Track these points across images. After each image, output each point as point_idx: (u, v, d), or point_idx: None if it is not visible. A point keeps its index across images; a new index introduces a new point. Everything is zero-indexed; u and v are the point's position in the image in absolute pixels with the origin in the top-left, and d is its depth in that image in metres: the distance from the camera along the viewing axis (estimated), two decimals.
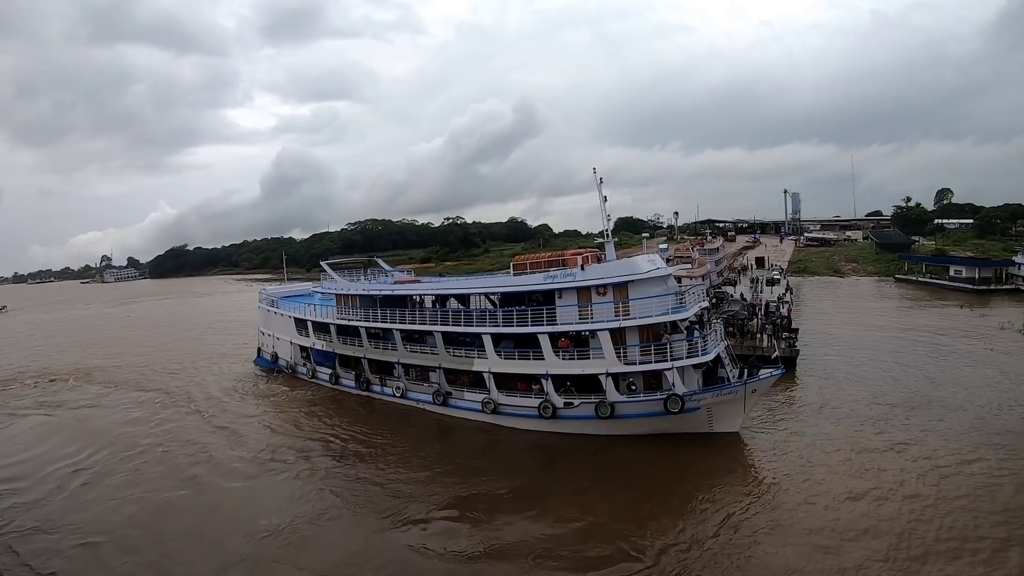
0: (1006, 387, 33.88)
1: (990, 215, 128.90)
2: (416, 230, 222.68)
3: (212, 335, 70.53)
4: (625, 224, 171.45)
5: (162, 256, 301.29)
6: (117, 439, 32.66)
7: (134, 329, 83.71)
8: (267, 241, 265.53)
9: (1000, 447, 25.51)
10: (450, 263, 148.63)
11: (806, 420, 30.28)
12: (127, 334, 78.03)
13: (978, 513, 20.35)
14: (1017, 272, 75.12)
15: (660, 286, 29.22)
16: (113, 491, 26.03)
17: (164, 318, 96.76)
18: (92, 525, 23.00)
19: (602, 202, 30.11)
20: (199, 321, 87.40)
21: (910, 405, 31.46)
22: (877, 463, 24.58)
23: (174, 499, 25.03)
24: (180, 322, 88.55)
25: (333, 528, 22.04)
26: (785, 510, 21.33)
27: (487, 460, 28.09)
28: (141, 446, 31.34)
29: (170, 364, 52.60)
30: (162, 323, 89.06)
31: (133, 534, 22.24)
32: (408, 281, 40.21)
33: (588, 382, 28.75)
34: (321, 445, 30.43)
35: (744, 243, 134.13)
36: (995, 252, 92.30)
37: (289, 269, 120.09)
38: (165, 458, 29.69)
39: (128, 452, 30.46)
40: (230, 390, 42.00)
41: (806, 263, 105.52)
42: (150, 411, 37.98)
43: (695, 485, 23.89)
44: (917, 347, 44.59)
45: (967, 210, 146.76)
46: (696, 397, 27.06)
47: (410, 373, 35.71)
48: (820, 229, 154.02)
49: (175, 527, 22.55)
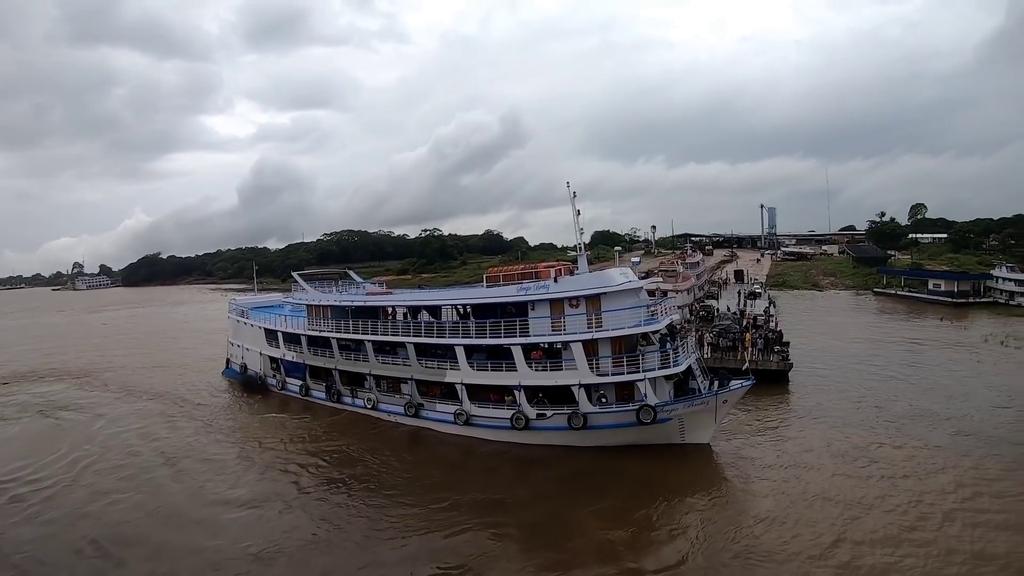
0: (999, 396, 34.84)
1: (964, 229, 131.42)
2: (393, 242, 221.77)
3: (179, 346, 69.17)
4: (602, 238, 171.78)
5: (135, 264, 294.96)
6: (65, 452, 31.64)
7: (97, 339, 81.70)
8: (242, 251, 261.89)
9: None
10: (427, 275, 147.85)
11: (798, 431, 30.53)
12: (90, 344, 76.08)
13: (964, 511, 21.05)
14: (995, 285, 76.64)
15: (632, 299, 29.30)
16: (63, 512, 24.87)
17: (130, 328, 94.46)
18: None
19: (575, 216, 30.21)
20: (168, 331, 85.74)
21: (904, 415, 31.92)
22: (868, 472, 24.93)
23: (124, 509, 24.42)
24: (147, 332, 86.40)
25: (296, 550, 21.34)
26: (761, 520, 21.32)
27: (458, 473, 27.73)
28: (87, 459, 30.50)
29: (129, 376, 51.33)
30: (128, 333, 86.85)
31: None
32: (380, 293, 39.84)
33: (561, 393, 28.74)
34: (288, 460, 29.72)
35: (721, 257, 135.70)
36: (970, 266, 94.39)
37: (263, 279, 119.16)
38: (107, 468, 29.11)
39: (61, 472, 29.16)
40: (194, 403, 40.91)
41: (784, 277, 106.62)
42: (94, 425, 36.69)
43: (668, 496, 23.79)
44: (904, 359, 45.50)
45: (940, 225, 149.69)
46: (668, 408, 27.16)
47: (382, 385, 35.34)
48: (796, 243, 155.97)
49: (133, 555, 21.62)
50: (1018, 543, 19.19)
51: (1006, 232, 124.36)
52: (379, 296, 38.63)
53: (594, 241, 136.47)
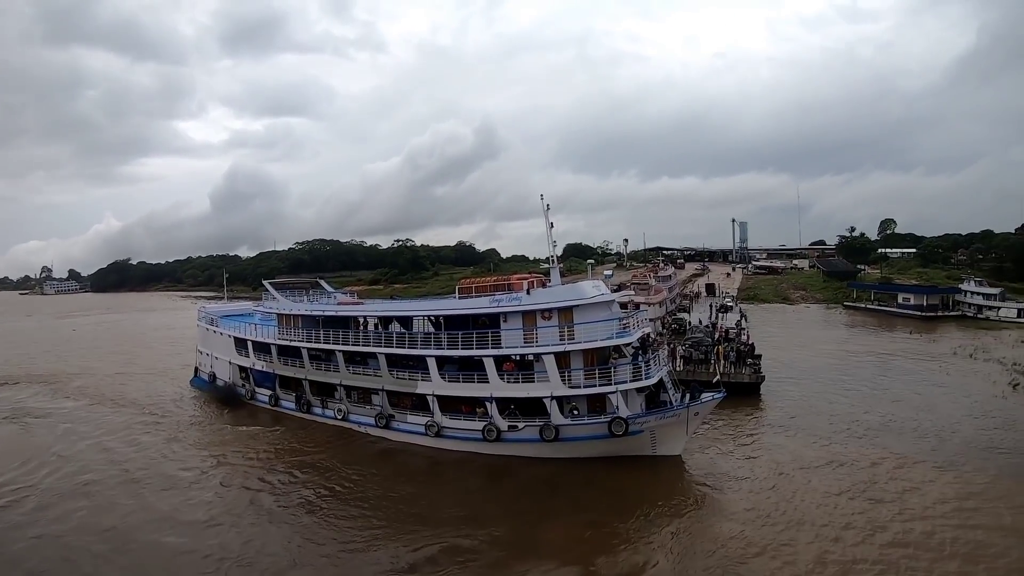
0: (970, 407, 35.62)
1: (932, 244, 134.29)
2: (365, 251, 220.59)
3: (148, 353, 67.77)
4: (575, 250, 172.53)
5: (104, 269, 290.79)
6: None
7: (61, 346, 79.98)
8: (213, 258, 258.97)
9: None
10: (399, 286, 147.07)
11: (770, 443, 30.73)
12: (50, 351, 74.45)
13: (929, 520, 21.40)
14: (964, 299, 78.43)
15: (604, 311, 29.38)
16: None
17: (99, 334, 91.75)
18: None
19: (548, 228, 30.27)
20: (137, 338, 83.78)
21: (877, 427, 32.36)
22: (843, 485, 25.04)
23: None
24: (116, 339, 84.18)
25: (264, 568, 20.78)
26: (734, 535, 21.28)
27: (430, 486, 27.31)
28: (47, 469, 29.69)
29: (97, 383, 50.15)
30: (97, 339, 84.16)
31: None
32: (351, 303, 39.43)
33: (533, 405, 28.64)
34: (256, 473, 29.06)
35: (693, 271, 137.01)
36: (938, 280, 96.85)
37: (234, 288, 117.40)
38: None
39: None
40: (161, 413, 39.95)
41: (755, 290, 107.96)
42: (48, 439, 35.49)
43: (641, 509, 23.71)
44: (875, 371, 46.30)
45: (909, 240, 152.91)
46: (640, 420, 27.24)
47: (352, 395, 34.92)
48: (766, 257, 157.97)
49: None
50: (999, 555, 19.35)
51: (974, 247, 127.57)
52: (350, 306, 38.18)
53: (566, 253, 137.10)
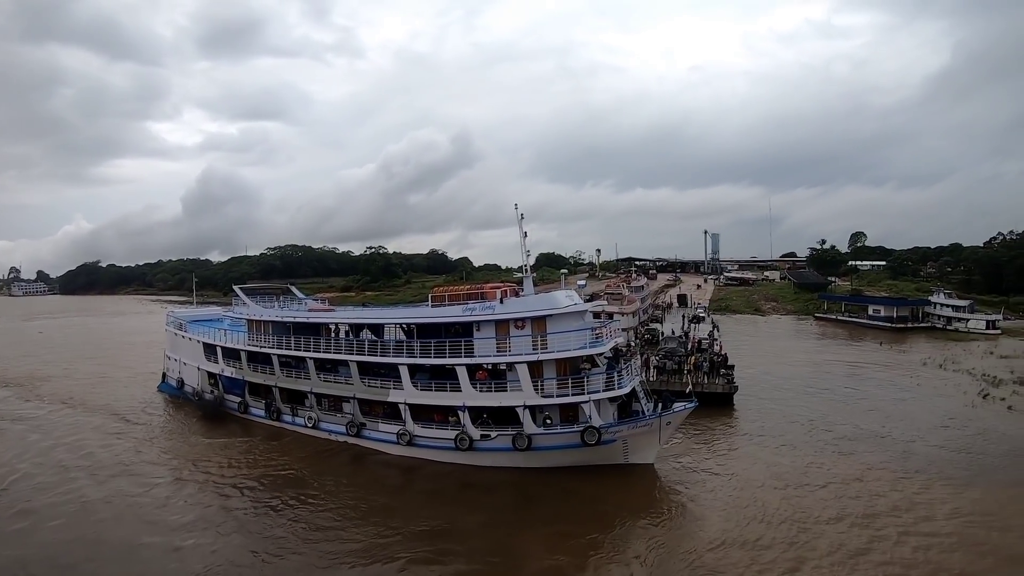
0: (939, 417, 36.48)
1: (902, 257, 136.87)
2: (337, 258, 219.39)
3: (116, 357, 66.24)
4: (548, 260, 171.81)
5: (74, 272, 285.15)
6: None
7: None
8: (183, 262, 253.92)
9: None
10: (371, 293, 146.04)
11: (744, 453, 31.06)
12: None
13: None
14: (933, 311, 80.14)
15: (577, 321, 29.46)
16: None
17: (67, 337, 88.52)
18: None
19: (522, 237, 30.38)
20: (105, 341, 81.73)
21: (849, 436, 32.87)
22: (817, 494, 25.34)
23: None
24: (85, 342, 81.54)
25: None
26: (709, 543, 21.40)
27: (402, 497, 27.03)
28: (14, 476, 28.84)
29: (64, 387, 48.89)
30: (66, 342, 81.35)
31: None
32: (322, 310, 39.03)
33: (505, 414, 28.55)
34: (224, 482, 28.42)
35: (665, 281, 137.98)
36: (908, 292, 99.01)
37: (204, 292, 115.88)
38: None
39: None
40: (128, 420, 39.03)
41: (727, 301, 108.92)
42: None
43: (616, 518, 23.75)
44: (846, 382, 47.19)
45: (879, 252, 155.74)
46: (613, 429, 27.35)
47: (323, 403, 34.47)
48: (738, 269, 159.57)
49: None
50: (970, 562, 19.73)
51: (943, 260, 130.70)
52: (321, 313, 37.79)
53: (539, 263, 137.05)
